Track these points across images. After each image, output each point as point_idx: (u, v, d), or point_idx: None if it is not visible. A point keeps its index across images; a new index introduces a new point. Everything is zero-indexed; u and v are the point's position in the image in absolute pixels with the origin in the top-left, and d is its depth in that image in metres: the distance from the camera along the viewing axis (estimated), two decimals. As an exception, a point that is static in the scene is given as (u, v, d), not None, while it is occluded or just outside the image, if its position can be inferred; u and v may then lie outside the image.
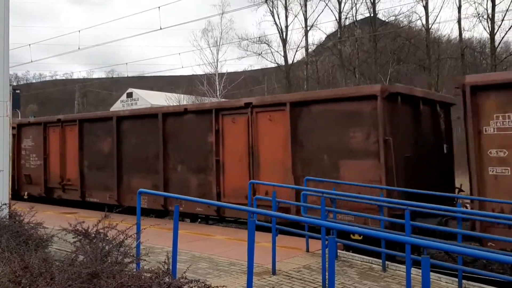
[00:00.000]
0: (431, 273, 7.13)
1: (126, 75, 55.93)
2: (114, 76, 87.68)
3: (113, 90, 77.62)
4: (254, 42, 41.18)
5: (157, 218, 13.22)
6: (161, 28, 26.25)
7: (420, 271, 3.97)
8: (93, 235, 5.81)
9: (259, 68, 55.29)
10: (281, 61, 41.10)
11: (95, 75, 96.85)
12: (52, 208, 15.58)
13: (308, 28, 40.31)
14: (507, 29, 33.11)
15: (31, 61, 35.76)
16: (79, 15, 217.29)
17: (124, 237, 5.60)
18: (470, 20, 62.55)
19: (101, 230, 5.78)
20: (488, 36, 32.84)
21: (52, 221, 8.66)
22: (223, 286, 5.32)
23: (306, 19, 40.23)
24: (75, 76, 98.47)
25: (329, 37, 45.58)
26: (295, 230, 8.62)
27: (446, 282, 7.15)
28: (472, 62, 37.31)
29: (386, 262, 7.75)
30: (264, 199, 9.50)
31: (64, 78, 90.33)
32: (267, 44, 41.50)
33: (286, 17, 40.56)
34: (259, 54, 41.39)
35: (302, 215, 9.26)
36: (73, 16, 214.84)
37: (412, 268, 6.52)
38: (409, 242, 4.73)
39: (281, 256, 7.75)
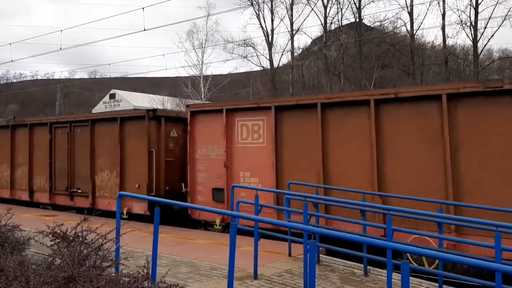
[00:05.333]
0: (413, 278, 7.19)
1: (109, 76, 55.46)
2: (96, 76, 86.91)
3: (95, 91, 76.86)
4: (239, 44, 41.27)
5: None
6: (145, 29, 25.96)
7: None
8: (72, 238, 5.69)
9: (244, 71, 55.44)
10: (267, 65, 41.23)
11: (77, 76, 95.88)
12: (30, 210, 15.32)
13: (294, 32, 40.53)
14: (489, 37, 33.80)
15: (12, 61, 35.13)
16: (52, 12, 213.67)
17: (103, 241, 5.49)
18: (454, 27, 63.61)
19: (79, 233, 5.66)
20: (471, 43, 33.41)
21: (30, 223, 8.48)
22: (203, 291, 5.25)
23: (292, 23, 40.44)
24: (56, 76, 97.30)
25: (314, 41, 45.85)
26: (277, 234, 8.59)
27: (427, 287, 7.18)
28: (455, 69, 37.82)
29: (368, 267, 7.76)
30: (247, 203, 9.45)
31: (45, 78, 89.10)
32: (252, 47, 41.61)
33: (272, 20, 40.76)
34: (245, 57, 41.47)
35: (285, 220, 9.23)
36: (44, 13, 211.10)
37: (393, 273, 6.53)
38: (389, 247, 4.73)
39: (263, 260, 7.71)
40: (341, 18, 39.70)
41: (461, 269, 9.28)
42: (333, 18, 39.98)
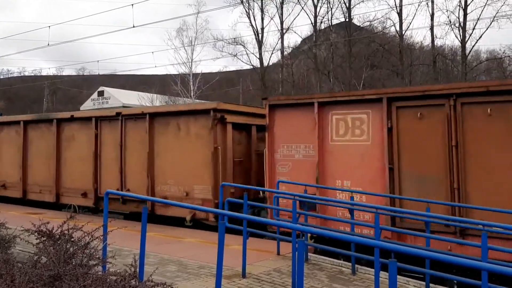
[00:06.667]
0: (400, 277, 7.22)
1: (97, 73, 55.01)
2: (85, 73, 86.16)
3: (83, 88, 76.17)
4: (229, 43, 41.21)
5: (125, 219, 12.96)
6: (134, 26, 25.82)
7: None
8: (58, 236, 5.62)
9: (234, 69, 55.39)
10: (257, 63, 41.20)
11: (65, 72, 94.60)
12: (16, 208, 15.15)
13: (284, 31, 40.56)
14: (477, 38, 34.18)
15: (-1, 56, 34.67)
16: (39, 7, 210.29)
17: (90, 239, 5.43)
18: (443, 28, 63.87)
19: (66, 231, 5.60)
20: (460, 44, 33.72)
21: (16, 221, 8.38)
22: (191, 289, 5.22)
23: (282, 22, 40.51)
24: (44, 73, 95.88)
25: (304, 40, 45.93)
26: (266, 233, 8.58)
27: (414, 286, 7.22)
28: (443, 69, 38.13)
29: (356, 266, 7.79)
30: (235, 202, 9.42)
31: (32, 74, 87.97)
32: (242, 45, 41.58)
33: (262, 19, 40.78)
34: (235, 55, 41.43)
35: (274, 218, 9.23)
36: (31, 8, 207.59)
37: (381, 272, 6.56)
38: (377, 245, 4.74)
39: (252, 259, 7.70)
40: (331, 18, 39.86)
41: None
42: (323, 17, 40.15)
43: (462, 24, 32.65)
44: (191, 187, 11.80)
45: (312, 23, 40.50)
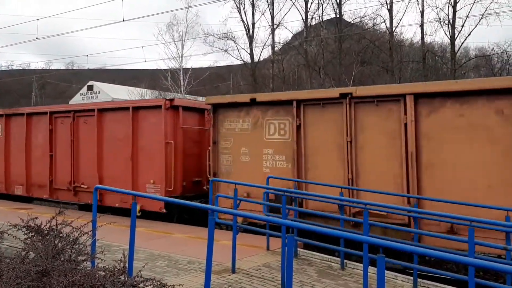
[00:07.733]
0: (388, 272, 7.29)
1: (86, 67, 54.52)
2: (74, 68, 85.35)
3: (72, 82, 75.52)
4: (220, 38, 41.06)
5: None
6: (124, 20, 25.63)
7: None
8: (46, 231, 5.58)
9: (225, 64, 55.24)
10: (247, 59, 41.12)
11: (54, 66, 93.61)
12: (4, 203, 15.02)
13: (275, 27, 40.49)
14: (466, 35, 34.40)
15: (-14, 50, 34.25)
16: (28, 0, 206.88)
17: (79, 234, 5.41)
18: (432, 25, 64.46)
19: (54, 227, 5.56)
20: (449, 41, 33.91)
21: (4, 216, 8.32)
22: (180, 285, 5.22)
23: (273, 17, 40.40)
24: (32, 67, 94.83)
25: (295, 36, 45.88)
26: (255, 228, 8.59)
27: (402, 281, 7.29)
28: (433, 66, 38.35)
29: (345, 261, 7.84)
30: (226, 197, 9.42)
31: (20, 68, 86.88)
32: (233, 40, 41.46)
33: (253, 14, 40.65)
34: (225, 51, 41.29)
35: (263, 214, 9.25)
36: (20, 1, 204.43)
37: (369, 267, 6.61)
38: (366, 241, 4.78)
39: (242, 254, 7.72)
40: (322, 14, 39.85)
41: (436, 263, 9.46)
42: (314, 13, 40.12)
43: (451, 21, 32.85)
44: None
45: (303, 18, 40.50)
